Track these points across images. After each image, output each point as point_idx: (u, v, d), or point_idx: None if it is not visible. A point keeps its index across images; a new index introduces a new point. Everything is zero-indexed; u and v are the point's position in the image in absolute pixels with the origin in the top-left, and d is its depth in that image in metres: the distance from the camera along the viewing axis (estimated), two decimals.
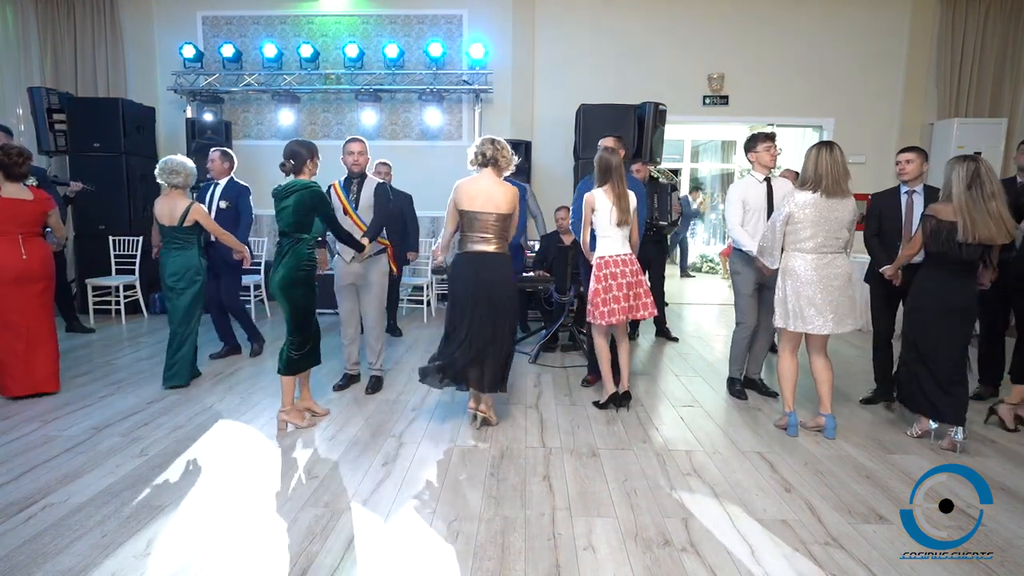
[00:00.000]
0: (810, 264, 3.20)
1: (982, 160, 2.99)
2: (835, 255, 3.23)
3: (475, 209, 3.26)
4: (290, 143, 3.41)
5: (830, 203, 3.16)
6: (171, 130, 7.13)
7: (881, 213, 3.73)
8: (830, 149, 3.17)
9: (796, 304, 3.23)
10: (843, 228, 3.22)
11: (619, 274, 3.59)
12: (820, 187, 3.15)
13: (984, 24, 6.77)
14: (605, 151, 3.65)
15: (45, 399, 3.78)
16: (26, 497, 2.57)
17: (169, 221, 3.95)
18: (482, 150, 3.31)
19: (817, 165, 3.16)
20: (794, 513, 2.54)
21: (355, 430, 3.39)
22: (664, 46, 7.00)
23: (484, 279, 3.26)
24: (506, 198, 3.31)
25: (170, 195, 3.99)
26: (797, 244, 3.23)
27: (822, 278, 3.19)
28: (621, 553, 2.24)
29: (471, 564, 2.16)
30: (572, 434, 3.37)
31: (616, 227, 3.59)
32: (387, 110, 7.16)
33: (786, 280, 3.27)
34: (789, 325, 3.28)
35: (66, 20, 7.05)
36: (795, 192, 3.23)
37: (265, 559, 2.18)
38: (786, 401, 3.40)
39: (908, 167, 3.60)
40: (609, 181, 3.60)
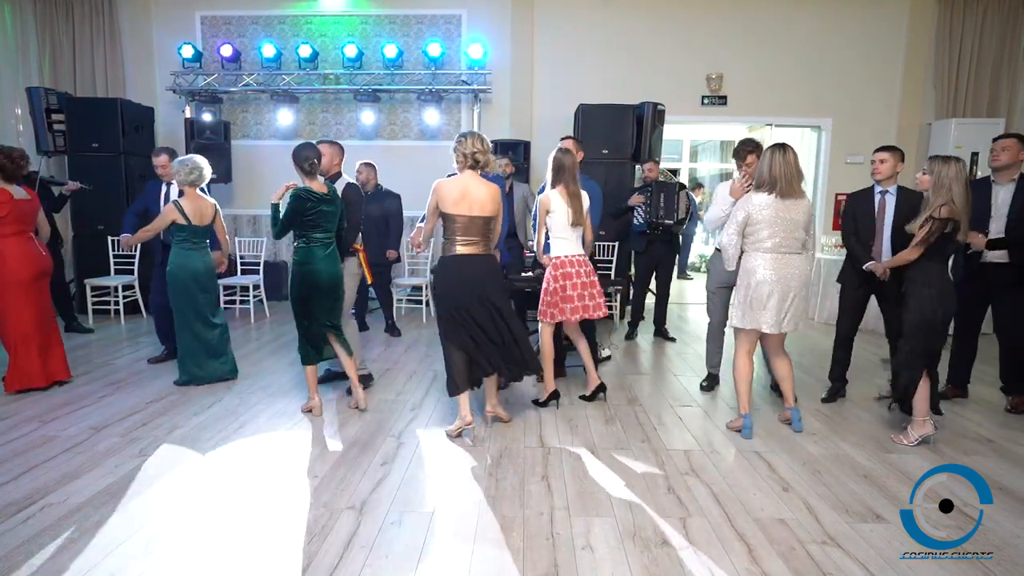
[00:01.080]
0: (768, 264, 3.23)
1: (960, 160, 3.09)
2: (793, 255, 3.26)
3: (460, 212, 3.19)
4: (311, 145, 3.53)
5: (785, 204, 3.19)
6: (170, 130, 7.13)
7: (856, 213, 3.76)
8: (783, 151, 3.20)
9: (753, 304, 3.26)
10: (799, 228, 3.24)
11: (574, 274, 3.63)
12: (775, 189, 3.18)
13: (982, 24, 6.78)
14: (559, 151, 3.65)
15: (44, 399, 3.78)
16: (25, 497, 2.58)
17: (200, 220, 4.01)
18: (470, 151, 3.19)
19: (771, 167, 3.19)
20: (792, 512, 2.55)
21: (354, 430, 3.39)
22: (663, 46, 7.01)
23: (476, 280, 3.23)
24: (491, 200, 3.25)
25: (195, 195, 4.03)
26: (756, 244, 3.26)
27: (780, 278, 3.22)
28: (619, 552, 2.24)
29: (469, 564, 2.17)
30: (571, 434, 3.38)
31: (571, 228, 3.61)
32: (386, 110, 7.16)
33: (745, 280, 3.29)
34: (746, 324, 3.31)
35: (65, 20, 7.05)
36: (752, 194, 3.26)
37: (264, 558, 2.18)
38: (741, 403, 3.40)
39: (882, 167, 3.63)
40: (562, 181, 3.60)
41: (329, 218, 3.52)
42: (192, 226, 3.99)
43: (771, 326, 3.25)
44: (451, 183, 3.21)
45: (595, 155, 6.25)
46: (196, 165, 3.99)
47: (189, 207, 3.97)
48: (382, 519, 2.45)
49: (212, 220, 4.10)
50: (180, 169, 3.96)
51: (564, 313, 3.64)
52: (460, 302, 3.21)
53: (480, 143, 3.20)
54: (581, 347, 3.83)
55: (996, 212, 3.62)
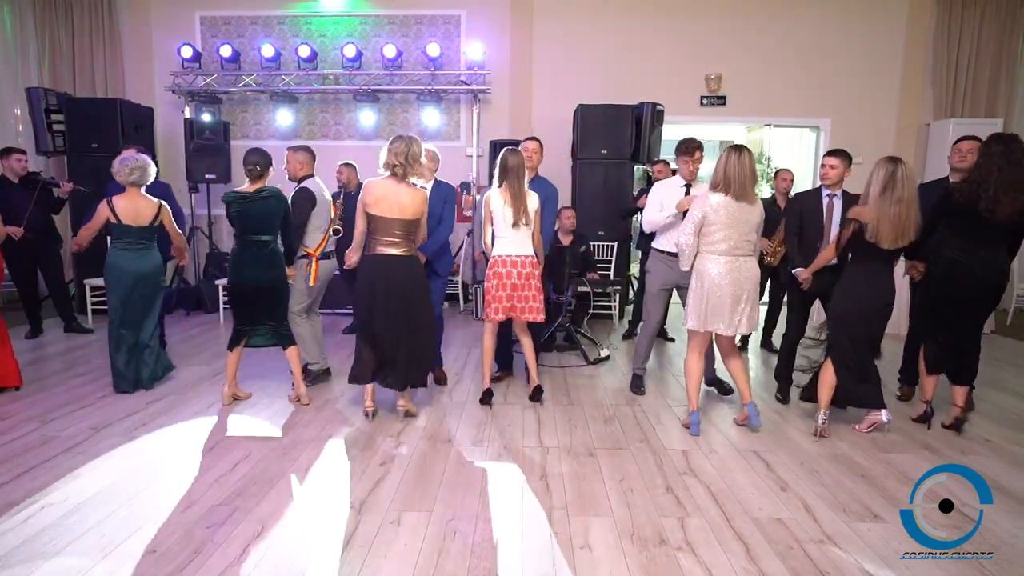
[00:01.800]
0: (722, 266, 3.24)
1: (902, 163, 3.08)
2: (746, 258, 3.28)
3: (381, 213, 3.24)
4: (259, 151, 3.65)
5: (739, 206, 3.20)
6: (169, 130, 7.13)
7: (803, 212, 3.79)
8: (739, 153, 3.21)
9: (707, 306, 3.27)
10: (752, 231, 3.26)
11: (505, 274, 3.64)
12: (729, 190, 3.20)
13: (980, 25, 6.79)
14: (506, 150, 3.66)
15: (45, 399, 3.78)
16: (25, 497, 2.58)
17: (134, 220, 3.84)
18: (391, 163, 3.22)
19: (726, 168, 3.21)
20: (789, 512, 2.56)
21: (353, 429, 3.40)
22: (662, 46, 7.01)
23: (393, 281, 3.28)
24: (413, 203, 3.27)
25: (134, 195, 3.87)
26: (710, 246, 3.26)
27: (734, 281, 3.23)
28: (617, 552, 2.25)
29: (468, 563, 2.18)
30: (569, 434, 3.38)
31: (511, 228, 3.61)
32: (385, 110, 7.17)
33: (699, 282, 3.30)
34: (700, 326, 3.32)
35: (64, 21, 7.05)
36: (709, 194, 3.27)
37: (263, 558, 2.19)
38: (691, 400, 3.43)
39: (832, 172, 3.66)
40: (507, 181, 3.60)
41: (259, 220, 3.55)
42: (123, 226, 3.82)
43: (726, 328, 3.27)
44: (377, 183, 3.27)
45: (594, 155, 6.27)
46: (137, 164, 3.85)
47: (122, 206, 3.81)
48: (381, 518, 2.46)
49: (153, 221, 3.90)
50: (121, 168, 3.83)
51: (490, 314, 3.67)
52: (373, 301, 3.30)
53: (405, 151, 3.20)
54: (525, 346, 3.86)
55: None
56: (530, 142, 4.08)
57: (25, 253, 5.06)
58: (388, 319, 3.32)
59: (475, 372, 4.50)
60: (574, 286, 5.02)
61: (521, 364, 4.73)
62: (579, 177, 6.37)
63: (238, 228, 3.60)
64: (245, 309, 3.66)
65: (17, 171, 5.10)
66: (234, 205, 3.55)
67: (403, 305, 3.32)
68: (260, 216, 3.57)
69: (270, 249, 3.62)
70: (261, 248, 3.59)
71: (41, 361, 4.67)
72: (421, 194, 3.34)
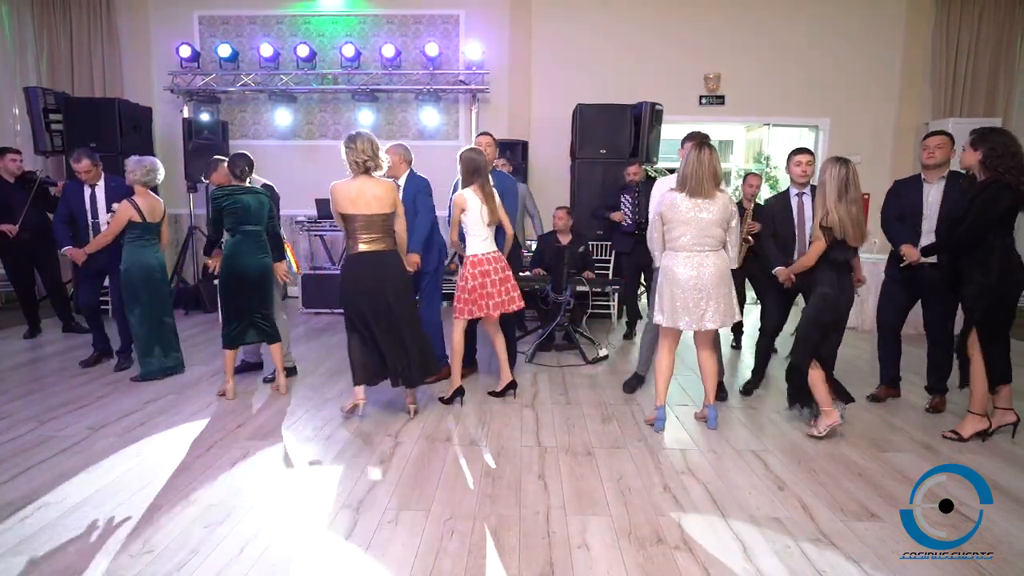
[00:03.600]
0: (683, 262, 3.25)
1: (851, 164, 3.14)
2: (709, 253, 3.26)
3: (358, 212, 3.29)
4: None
5: (696, 203, 3.20)
6: (168, 130, 7.13)
7: (774, 217, 3.80)
8: (699, 150, 3.20)
9: (671, 302, 3.29)
10: (714, 227, 3.23)
11: (491, 271, 3.67)
12: (685, 187, 3.21)
13: (978, 24, 6.79)
14: (471, 151, 3.69)
15: (43, 398, 3.78)
16: (22, 497, 2.58)
17: (152, 217, 4.11)
18: (362, 160, 3.27)
19: (686, 165, 3.23)
20: (787, 511, 2.56)
21: (351, 429, 3.40)
22: (660, 46, 7.01)
23: (381, 277, 3.34)
24: (388, 196, 3.36)
25: (146, 193, 4.11)
26: (672, 243, 3.30)
27: (696, 276, 3.24)
28: (615, 551, 2.25)
29: (466, 562, 2.18)
30: (568, 433, 3.38)
31: (486, 226, 3.65)
32: (384, 110, 7.17)
33: (664, 278, 3.33)
34: (666, 322, 3.33)
35: (62, 20, 7.05)
36: (667, 193, 3.29)
37: (262, 558, 2.19)
38: (659, 395, 3.45)
39: (809, 168, 3.70)
40: (477, 181, 3.63)
41: (253, 211, 3.79)
42: (146, 223, 4.07)
43: (688, 324, 3.28)
44: (345, 185, 3.32)
45: (593, 155, 6.26)
46: (153, 166, 4.10)
47: (143, 204, 4.05)
48: (379, 518, 2.46)
49: (162, 218, 4.20)
50: (137, 168, 4.03)
51: (485, 309, 3.68)
52: (361, 300, 3.34)
53: (370, 147, 3.28)
54: (498, 344, 3.89)
55: (928, 211, 3.60)
56: (483, 137, 4.13)
57: (22, 253, 5.06)
58: (379, 316, 3.36)
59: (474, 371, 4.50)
60: (573, 286, 5.02)
61: (519, 364, 4.74)
62: (578, 177, 6.37)
63: (233, 220, 3.74)
64: (241, 299, 3.81)
65: (12, 171, 5.10)
66: (228, 198, 3.72)
67: (390, 300, 3.37)
68: (255, 207, 3.80)
69: (262, 240, 3.87)
70: (256, 238, 3.83)
71: (39, 361, 4.67)
72: (391, 185, 3.43)
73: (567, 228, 5.36)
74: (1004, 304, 3.19)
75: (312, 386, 4.05)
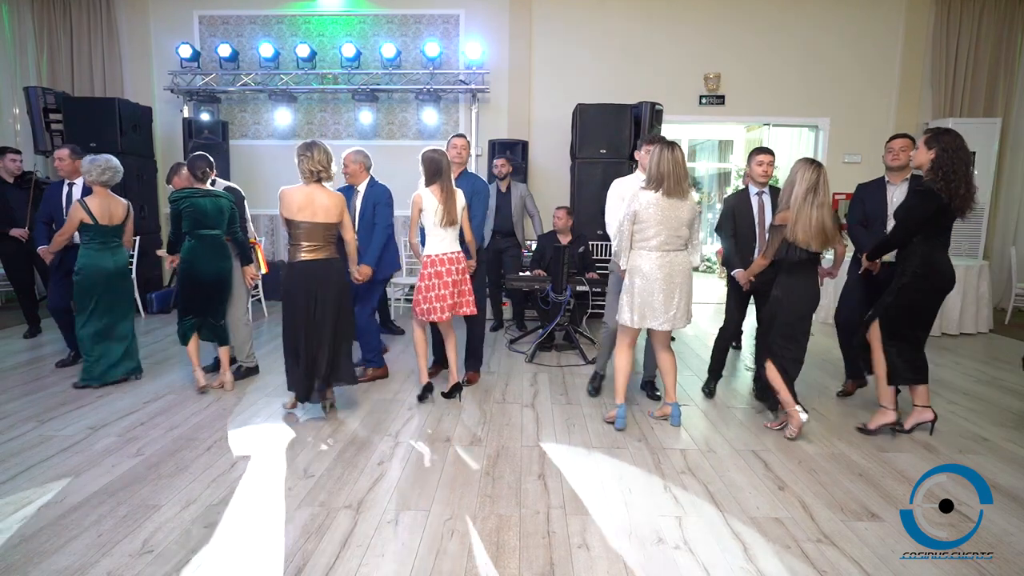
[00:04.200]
0: (655, 262, 3.26)
1: (823, 168, 3.14)
2: (677, 252, 3.30)
3: (304, 219, 3.32)
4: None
5: (671, 202, 3.22)
6: (168, 130, 7.13)
7: (735, 215, 3.81)
8: (671, 149, 3.21)
9: (642, 302, 3.29)
10: (683, 226, 3.27)
11: (445, 272, 3.66)
12: (662, 187, 3.21)
13: (978, 24, 6.79)
14: (433, 151, 3.69)
15: (43, 398, 3.78)
16: (22, 497, 2.58)
17: (108, 220, 3.94)
18: (316, 169, 3.33)
19: (660, 164, 3.21)
20: (787, 511, 2.56)
21: (352, 429, 3.40)
22: (661, 45, 7.01)
23: (322, 286, 3.37)
24: (335, 207, 3.40)
25: (105, 194, 3.96)
26: (643, 243, 3.29)
27: (666, 276, 3.26)
28: (615, 551, 2.25)
29: (465, 562, 2.18)
30: (568, 433, 3.38)
31: (443, 227, 3.64)
32: (384, 110, 7.16)
33: (633, 278, 3.32)
34: (634, 323, 3.33)
35: (62, 19, 7.05)
36: (640, 192, 3.28)
37: (261, 557, 2.19)
38: (618, 393, 3.46)
39: (770, 169, 3.70)
40: (437, 181, 3.63)
41: (212, 215, 3.81)
42: (99, 225, 3.90)
43: (661, 324, 3.29)
44: (296, 191, 3.34)
45: (593, 155, 6.26)
46: (109, 165, 3.94)
47: (96, 205, 3.89)
48: (379, 518, 2.46)
49: (124, 220, 4.04)
50: (92, 168, 3.88)
51: (434, 312, 3.67)
52: (300, 307, 3.37)
53: (325, 157, 3.35)
54: (449, 344, 3.90)
55: (892, 212, 3.61)
56: (458, 139, 4.14)
57: (22, 253, 5.05)
58: (312, 325, 3.39)
59: None
60: (573, 286, 5.02)
61: (519, 364, 4.74)
62: (578, 176, 6.37)
63: (191, 223, 3.76)
64: (197, 300, 3.86)
65: (12, 171, 5.09)
66: (185, 201, 3.74)
67: (327, 308, 3.40)
68: (213, 211, 3.81)
69: (221, 243, 3.88)
70: (214, 241, 3.84)
71: (39, 361, 4.67)
72: (340, 197, 3.47)
73: (567, 228, 5.36)
74: (911, 307, 3.22)
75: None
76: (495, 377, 4.43)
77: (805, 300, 3.30)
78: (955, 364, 4.92)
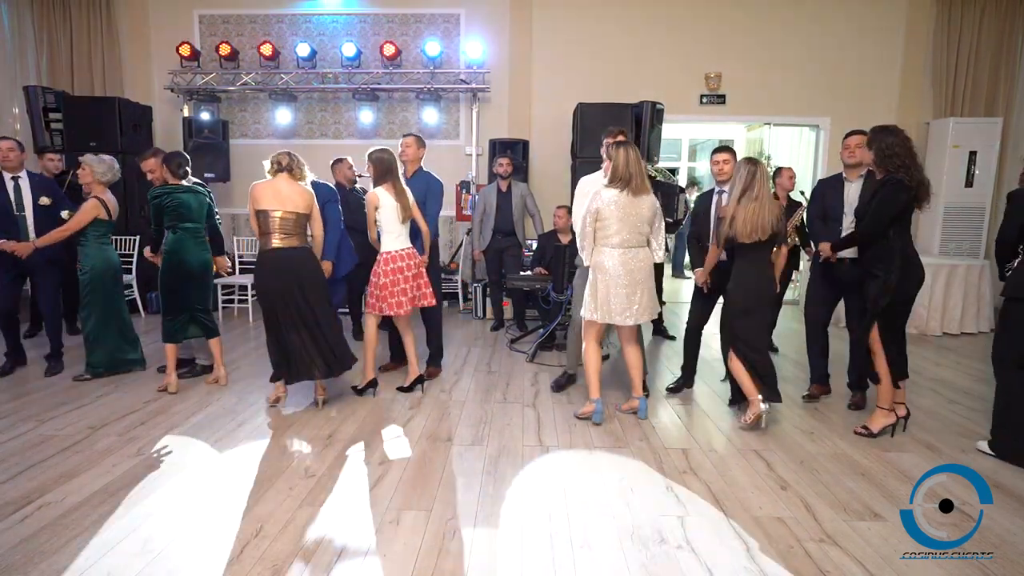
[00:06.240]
0: (617, 259, 3.32)
1: (761, 164, 3.29)
2: (638, 249, 3.39)
3: (278, 207, 3.46)
4: None
5: (633, 200, 3.31)
6: (168, 129, 7.11)
7: (698, 214, 3.86)
8: (628, 149, 3.31)
9: (605, 297, 3.35)
10: (644, 223, 3.37)
11: (404, 268, 3.76)
12: (628, 185, 3.29)
13: (979, 24, 6.78)
14: (380, 151, 3.76)
15: (42, 399, 3.77)
16: (22, 496, 2.57)
17: (115, 216, 4.16)
18: (275, 161, 3.55)
19: (627, 164, 3.29)
20: (789, 511, 2.55)
21: (352, 429, 3.39)
22: (661, 45, 7.00)
23: (295, 273, 3.48)
24: (303, 199, 3.54)
25: (106, 191, 4.10)
26: (605, 240, 3.36)
27: (628, 271, 3.33)
28: (617, 551, 2.24)
29: (467, 562, 2.17)
30: (569, 433, 3.38)
31: (401, 224, 3.72)
32: (384, 109, 7.15)
33: (596, 275, 3.38)
34: (598, 317, 3.38)
35: (62, 18, 7.03)
36: (602, 190, 3.34)
37: (262, 557, 2.18)
38: (591, 388, 3.51)
39: (726, 167, 3.73)
40: (388, 180, 3.70)
41: (194, 209, 3.89)
42: (111, 221, 4.12)
43: (625, 319, 3.35)
44: (265, 183, 3.51)
45: (594, 154, 6.23)
46: (113, 165, 4.13)
47: (110, 201, 4.09)
48: (380, 518, 2.45)
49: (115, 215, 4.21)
50: (99, 166, 4.06)
51: (395, 307, 3.74)
52: (277, 295, 3.46)
53: (287, 156, 3.56)
54: (407, 340, 3.96)
55: (848, 209, 3.64)
56: (408, 138, 4.19)
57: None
58: (293, 311, 3.48)
59: (474, 371, 4.51)
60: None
61: (519, 363, 4.74)
62: (578, 176, 6.32)
63: (174, 217, 3.83)
64: (183, 294, 3.89)
65: (51, 170, 5.13)
66: (168, 196, 3.82)
67: (304, 295, 3.49)
68: (195, 205, 3.90)
69: (203, 237, 3.99)
70: (197, 235, 3.94)
71: (39, 361, 4.65)
72: (308, 191, 3.61)
73: (567, 227, 5.34)
74: (903, 302, 3.26)
75: (312, 386, 4.03)
76: (496, 377, 4.42)
77: (756, 289, 3.38)
78: (956, 364, 4.92)
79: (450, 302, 7.01)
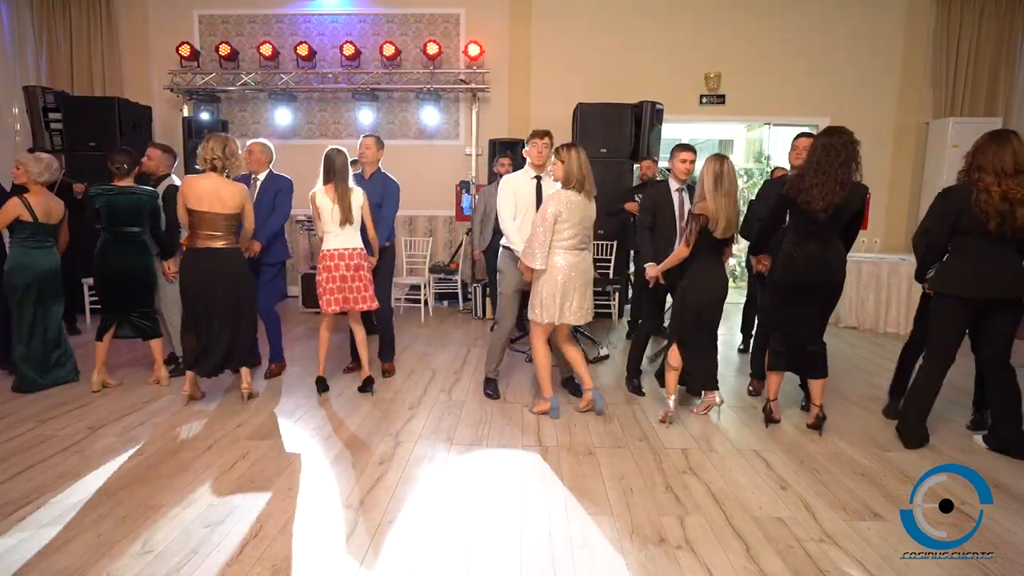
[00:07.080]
0: (570, 260, 3.38)
1: (727, 160, 3.32)
2: (586, 251, 3.49)
3: (203, 209, 3.45)
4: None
5: (585, 202, 3.37)
6: (167, 129, 7.11)
7: (656, 205, 3.83)
8: (579, 151, 3.36)
9: (560, 299, 3.39)
10: (591, 225, 3.46)
11: (334, 267, 3.76)
12: (583, 187, 3.33)
13: (979, 24, 6.78)
14: (332, 151, 3.76)
15: (42, 398, 3.77)
16: (22, 497, 2.57)
17: (47, 218, 3.85)
18: (209, 157, 3.47)
19: (580, 166, 3.33)
20: (789, 511, 2.55)
21: (352, 429, 3.39)
22: (661, 45, 7.00)
23: (218, 272, 3.52)
24: (234, 197, 3.52)
25: (44, 192, 3.88)
26: (560, 242, 3.37)
27: (580, 273, 3.40)
28: (617, 551, 2.25)
29: (467, 562, 2.17)
30: (569, 433, 3.38)
31: (338, 225, 3.71)
32: (384, 109, 7.15)
33: (550, 276, 3.39)
34: (547, 319, 3.42)
35: (62, 18, 7.03)
36: (561, 192, 3.35)
37: (262, 557, 2.18)
38: (544, 387, 3.59)
39: (691, 166, 3.78)
40: (332, 180, 3.70)
41: (128, 212, 3.80)
42: (38, 223, 3.80)
43: (579, 318, 3.44)
44: (197, 179, 3.50)
45: (594, 154, 6.23)
46: (51, 164, 3.91)
47: (38, 203, 3.80)
48: (380, 518, 2.45)
49: (61, 219, 3.96)
50: (35, 166, 3.80)
51: (324, 306, 3.78)
52: (198, 292, 3.52)
53: (221, 149, 3.49)
54: (358, 336, 3.95)
55: None
56: (367, 139, 4.19)
57: None
58: (211, 310, 3.55)
59: (474, 371, 4.50)
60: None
61: (519, 364, 4.74)
62: None
63: (106, 220, 3.77)
64: (112, 298, 3.86)
65: None
66: (101, 198, 3.75)
67: (226, 295, 3.55)
68: (129, 209, 3.79)
69: (139, 240, 3.87)
70: (131, 239, 3.84)
71: None
72: (240, 188, 3.59)
73: None
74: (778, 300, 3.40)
75: (312, 386, 4.04)
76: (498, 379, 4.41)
77: (710, 288, 3.41)
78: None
79: (450, 302, 7.01)
